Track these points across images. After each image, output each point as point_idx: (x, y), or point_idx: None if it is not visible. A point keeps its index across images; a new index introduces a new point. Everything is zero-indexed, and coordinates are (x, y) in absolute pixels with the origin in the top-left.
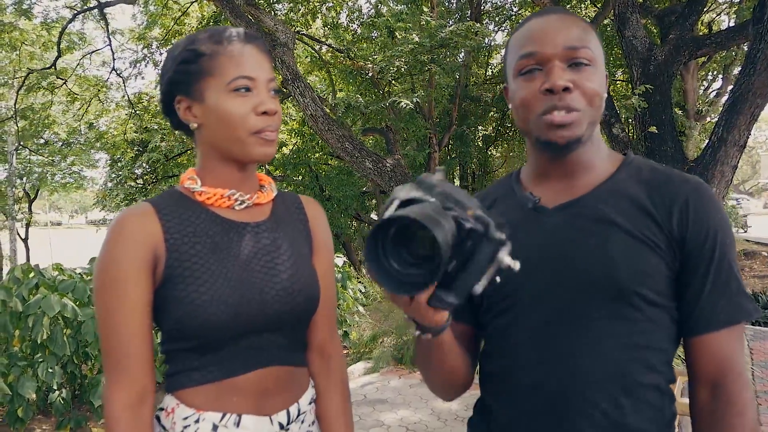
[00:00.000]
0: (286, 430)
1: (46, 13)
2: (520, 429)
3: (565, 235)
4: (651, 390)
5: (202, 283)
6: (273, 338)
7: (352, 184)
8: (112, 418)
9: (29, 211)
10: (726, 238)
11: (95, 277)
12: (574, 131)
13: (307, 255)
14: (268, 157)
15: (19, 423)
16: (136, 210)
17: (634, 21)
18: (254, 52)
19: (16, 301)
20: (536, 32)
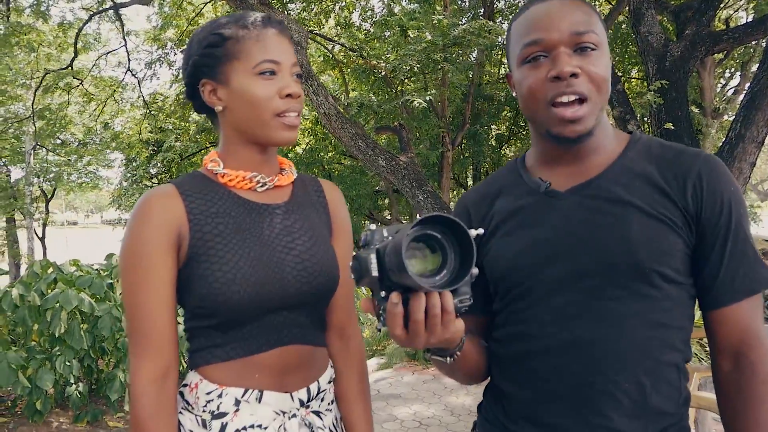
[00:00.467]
0: (306, 407)
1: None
2: (541, 412)
3: (580, 217)
4: (671, 368)
5: (225, 262)
6: (293, 317)
7: (365, 183)
8: (137, 391)
9: (46, 210)
10: (740, 208)
11: (121, 256)
12: (585, 125)
13: (326, 237)
14: (290, 141)
15: (37, 416)
16: (160, 191)
17: (650, 17)
18: (279, 37)
19: (35, 295)
20: (540, 18)
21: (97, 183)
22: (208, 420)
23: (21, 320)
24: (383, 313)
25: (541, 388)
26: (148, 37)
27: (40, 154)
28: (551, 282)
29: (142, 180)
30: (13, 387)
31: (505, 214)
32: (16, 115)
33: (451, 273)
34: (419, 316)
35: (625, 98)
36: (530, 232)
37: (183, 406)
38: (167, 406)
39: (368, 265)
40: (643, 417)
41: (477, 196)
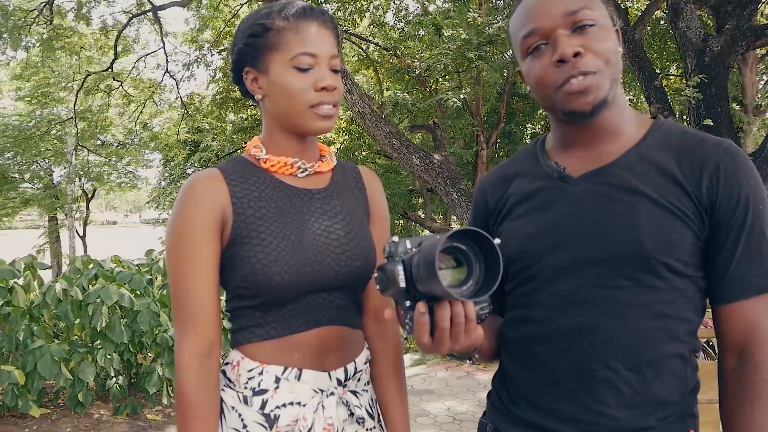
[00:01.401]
0: (344, 386)
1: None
2: (541, 397)
3: (590, 203)
4: (674, 359)
5: (267, 244)
6: (331, 299)
7: (399, 182)
8: (182, 367)
9: (87, 209)
10: (759, 204)
11: (167, 237)
12: (597, 94)
13: (364, 222)
14: (325, 130)
15: (79, 407)
16: (206, 174)
17: (688, 12)
18: (319, 29)
19: (77, 290)
20: (532, 8)
21: (136, 183)
22: (249, 396)
23: (64, 315)
24: (410, 321)
25: (543, 373)
26: (186, 39)
27: (81, 155)
28: (557, 267)
29: (179, 180)
30: (56, 379)
31: (520, 197)
32: (59, 117)
33: (476, 284)
34: (445, 324)
35: (663, 94)
36: (541, 217)
37: (225, 384)
38: (210, 381)
39: (395, 276)
40: (644, 406)
41: (495, 178)
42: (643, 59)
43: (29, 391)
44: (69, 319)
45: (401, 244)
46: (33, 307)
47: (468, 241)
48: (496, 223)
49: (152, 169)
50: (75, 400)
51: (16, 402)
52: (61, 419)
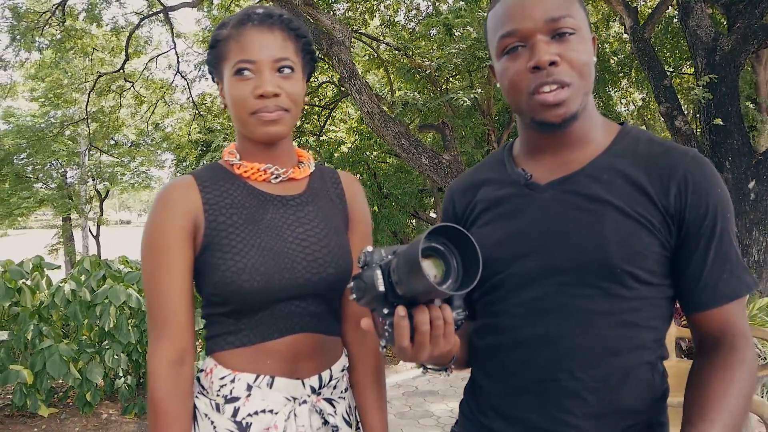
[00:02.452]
0: (318, 394)
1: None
2: (509, 407)
3: (556, 212)
4: (641, 368)
5: (237, 252)
6: (305, 306)
7: (411, 182)
8: (154, 373)
9: (100, 209)
10: (726, 211)
11: (142, 243)
12: (569, 108)
13: (340, 228)
14: (271, 135)
15: (87, 407)
16: (179, 182)
17: (699, 10)
18: (260, 34)
19: (85, 291)
20: (514, 8)
21: (149, 183)
22: (221, 404)
23: (72, 315)
24: (389, 328)
25: (509, 382)
26: (197, 40)
27: (94, 156)
28: (523, 276)
29: None
30: (64, 379)
31: (487, 204)
32: (71, 118)
33: (455, 281)
34: (425, 327)
35: (673, 94)
36: (508, 224)
37: (199, 390)
38: (183, 389)
39: (374, 281)
40: (610, 415)
41: (464, 185)
42: (653, 58)
43: (38, 390)
44: (77, 320)
45: (376, 253)
46: (42, 308)
47: (444, 239)
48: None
49: (165, 169)
50: (83, 400)
51: (25, 401)
52: (69, 419)
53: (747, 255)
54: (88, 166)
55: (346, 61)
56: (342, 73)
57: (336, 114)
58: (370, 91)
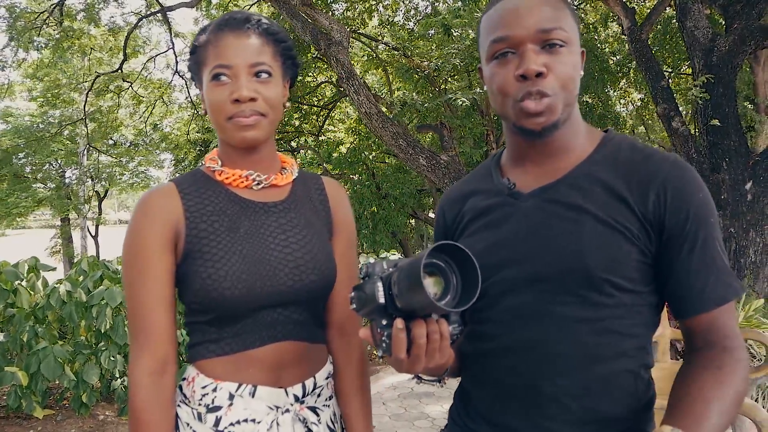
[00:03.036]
0: (301, 403)
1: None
2: (495, 412)
3: (538, 220)
4: (623, 375)
5: (218, 259)
6: (287, 314)
7: (409, 182)
8: (134, 383)
9: (99, 209)
10: (709, 216)
11: (123, 251)
12: (549, 117)
13: (323, 235)
14: (247, 140)
15: (83, 408)
16: (160, 189)
17: (696, 11)
18: (237, 38)
19: (81, 292)
20: (507, 14)
21: (149, 183)
22: (203, 413)
23: (68, 316)
24: (386, 339)
25: (495, 388)
26: None
27: (93, 156)
28: (507, 283)
29: None
30: (60, 380)
31: (474, 214)
32: (70, 118)
33: (454, 297)
34: (422, 341)
35: (670, 95)
36: (493, 233)
37: (181, 399)
38: (164, 399)
39: (374, 292)
40: (592, 423)
41: (454, 195)
42: (650, 59)
43: (33, 392)
44: (73, 321)
45: (378, 265)
46: (37, 309)
47: (445, 256)
48: (454, 239)
49: (164, 169)
50: (79, 401)
51: (20, 403)
52: (65, 420)
53: (744, 256)
54: (86, 166)
55: (344, 62)
56: (340, 74)
57: (335, 114)
58: (368, 92)
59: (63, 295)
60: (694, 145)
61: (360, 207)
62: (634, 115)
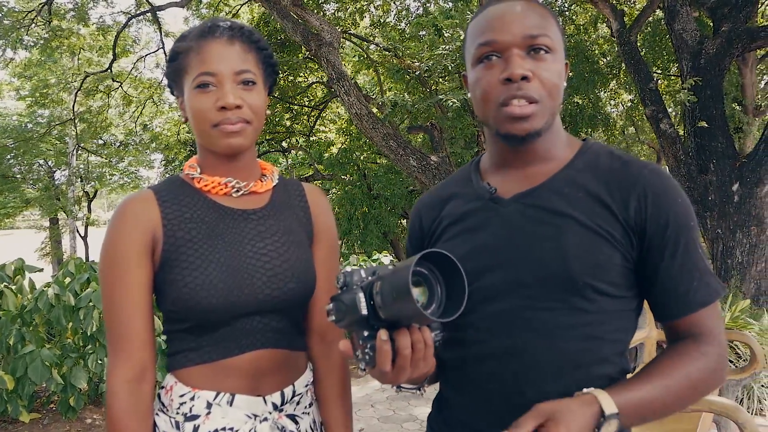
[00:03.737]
0: (280, 411)
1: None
2: (476, 419)
3: (520, 225)
4: (604, 380)
5: (195, 267)
6: (266, 322)
7: (400, 182)
8: (111, 391)
9: (88, 210)
10: (689, 220)
11: (100, 259)
12: (533, 123)
13: (303, 242)
14: (233, 147)
15: (71, 412)
16: (138, 196)
17: (684, 14)
18: (222, 46)
19: (69, 295)
20: (494, 19)
21: (139, 183)
22: (181, 422)
23: (56, 319)
24: (370, 351)
25: (476, 395)
26: None
27: (82, 156)
28: (489, 289)
29: None
30: (47, 384)
31: (453, 218)
32: (59, 118)
33: (439, 306)
34: (408, 351)
35: (658, 97)
36: (473, 238)
37: (159, 408)
38: (142, 407)
39: (356, 303)
40: None
41: (431, 200)
42: (639, 61)
43: (20, 396)
44: (61, 324)
45: (356, 274)
46: (24, 312)
47: (430, 264)
48: (431, 244)
49: (154, 169)
50: (66, 405)
51: (6, 407)
52: (52, 424)
53: (731, 257)
54: (75, 166)
55: (335, 63)
56: (330, 75)
57: (326, 114)
58: (358, 93)
59: (51, 298)
60: (682, 147)
61: (351, 207)
62: (624, 116)
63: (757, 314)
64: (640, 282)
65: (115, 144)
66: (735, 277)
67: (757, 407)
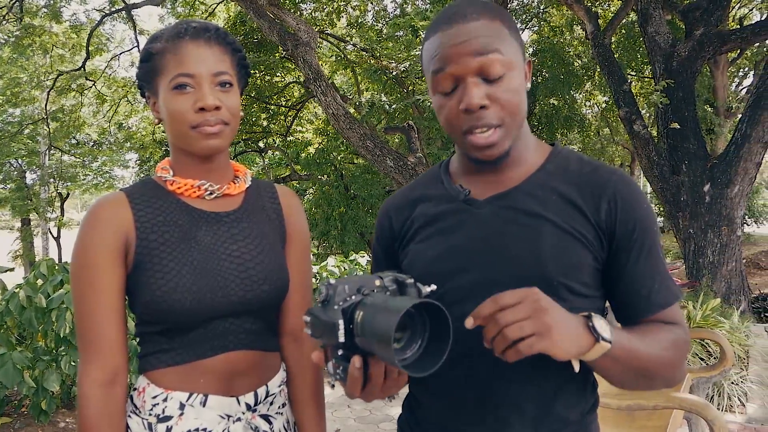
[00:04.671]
0: (253, 411)
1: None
2: (450, 420)
3: (495, 226)
4: (574, 379)
5: (168, 270)
6: (239, 323)
7: (378, 183)
8: (83, 395)
9: (61, 210)
10: (653, 226)
11: (71, 262)
12: (500, 148)
13: (276, 244)
14: (212, 148)
15: (43, 415)
16: (110, 198)
17: (657, 17)
18: (199, 47)
19: (41, 297)
20: (445, 48)
21: (113, 183)
22: (153, 423)
23: (28, 322)
24: (341, 373)
25: (449, 396)
26: None
27: (55, 156)
28: (463, 290)
29: None
30: (19, 387)
31: (425, 220)
32: (31, 117)
33: (419, 349)
34: (380, 380)
35: (632, 98)
36: (447, 239)
37: (132, 410)
38: (114, 410)
39: (335, 330)
40: (546, 425)
41: (400, 201)
42: (613, 63)
43: None
44: (33, 327)
45: (339, 289)
46: None
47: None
48: (402, 246)
49: (129, 169)
50: (38, 409)
51: None
52: (23, 428)
53: (702, 256)
54: (48, 166)
55: (311, 63)
56: (307, 75)
57: (303, 114)
58: (335, 93)
59: (23, 300)
60: (655, 148)
61: (328, 208)
62: (599, 118)
63: (727, 312)
64: (605, 283)
65: (88, 143)
66: (706, 276)
67: (727, 404)
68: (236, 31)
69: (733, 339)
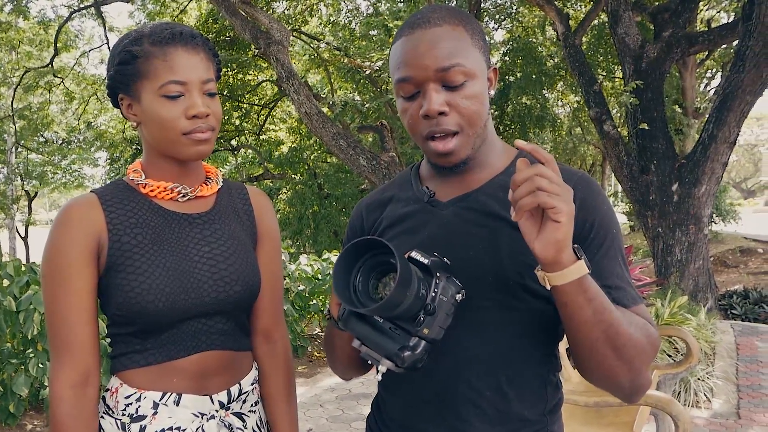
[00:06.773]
0: (226, 409)
1: (44, 13)
2: (410, 417)
3: (455, 227)
4: (534, 378)
5: (141, 272)
6: (212, 324)
7: (351, 182)
8: (55, 397)
9: (29, 209)
10: (613, 227)
11: (42, 264)
12: (458, 156)
13: (248, 245)
14: (202, 154)
15: (11, 419)
16: (81, 200)
17: (627, 18)
18: (188, 54)
19: (10, 299)
20: (408, 54)
21: (82, 182)
22: (127, 423)
23: None
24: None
25: (410, 393)
26: None
27: (22, 154)
28: None
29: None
30: None
31: (392, 220)
32: None
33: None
34: None
35: (602, 99)
36: (411, 239)
37: (104, 411)
38: (87, 411)
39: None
40: (505, 424)
41: (373, 200)
42: (583, 64)
43: None
44: (1, 329)
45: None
46: None
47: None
48: None
49: (98, 167)
50: (6, 412)
51: None
52: None
53: (670, 254)
54: (14, 164)
55: (284, 61)
56: (280, 73)
57: (276, 113)
58: (308, 92)
59: None
60: (625, 148)
61: (302, 207)
62: (570, 117)
63: (694, 310)
64: None
65: (57, 142)
66: (674, 274)
67: (694, 399)
68: (208, 28)
69: (699, 336)
